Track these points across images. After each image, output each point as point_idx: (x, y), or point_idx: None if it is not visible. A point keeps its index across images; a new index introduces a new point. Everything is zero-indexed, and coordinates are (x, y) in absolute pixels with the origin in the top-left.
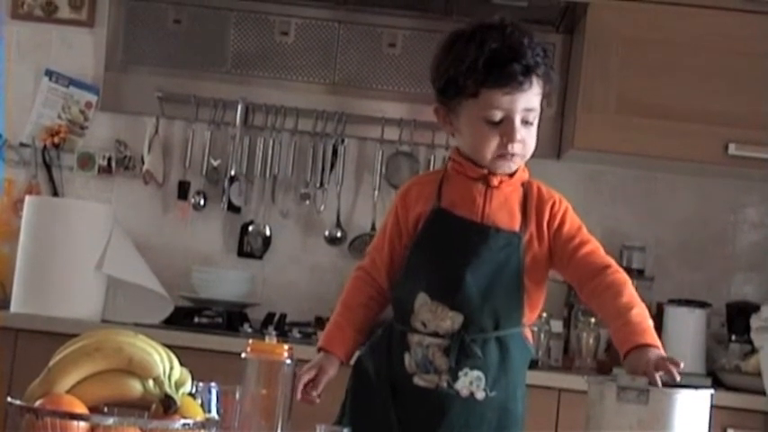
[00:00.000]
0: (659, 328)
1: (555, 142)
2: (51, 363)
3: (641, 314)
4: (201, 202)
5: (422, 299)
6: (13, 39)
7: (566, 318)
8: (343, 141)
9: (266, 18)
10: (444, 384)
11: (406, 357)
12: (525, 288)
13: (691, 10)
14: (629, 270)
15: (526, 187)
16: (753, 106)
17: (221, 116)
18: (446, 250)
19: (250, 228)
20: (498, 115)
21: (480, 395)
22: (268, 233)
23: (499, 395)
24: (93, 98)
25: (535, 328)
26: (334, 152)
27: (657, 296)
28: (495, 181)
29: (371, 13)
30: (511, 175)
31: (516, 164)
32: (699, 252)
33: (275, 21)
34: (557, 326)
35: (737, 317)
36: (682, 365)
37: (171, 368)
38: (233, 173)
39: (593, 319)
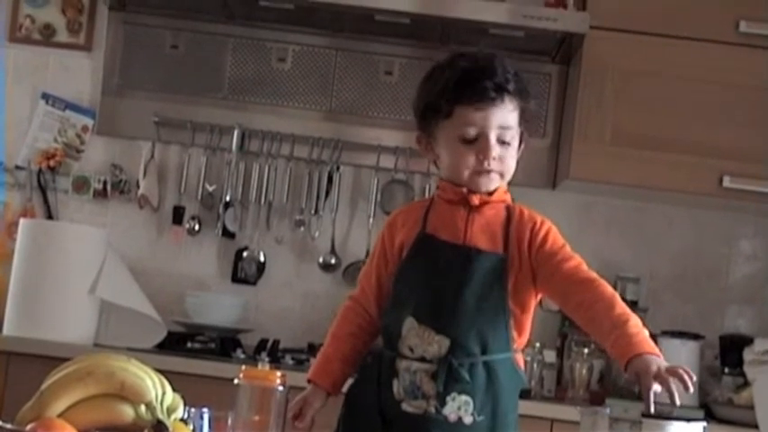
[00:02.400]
0: None
1: (550, 172)
2: (43, 386)
3: (637, 325)
4: (196, 227)
5: (409, 323)
6: (10, 62)
7: (559, 348)
8: (338, 168)
9: (263, 45)
10: (432, 410)
11: (395, 384)
12: (511, 312)
13: (686, 43)
14: (622, 301)
15: (510, 211)
16: (747, 139)
17: (217, 141)
18: (431, 274)
19: (244, 253)
20: (472, 132)
21: (468, 420)
22: (262, 259)
23: (487, 420)
24: (89, 122)
25: (528, 358)
26: (330, 179)
27: (651, 327)
28: (475, 200)
29: (368, 41)
30: (490, 194)
31: (494, 181)
32: (693, 284)
33: (272, 47)
34: (550, 356)
35: (731, 349)
36: (695, 378)
37: (163, 393)
38: (228, 198)
39: (586, 350)
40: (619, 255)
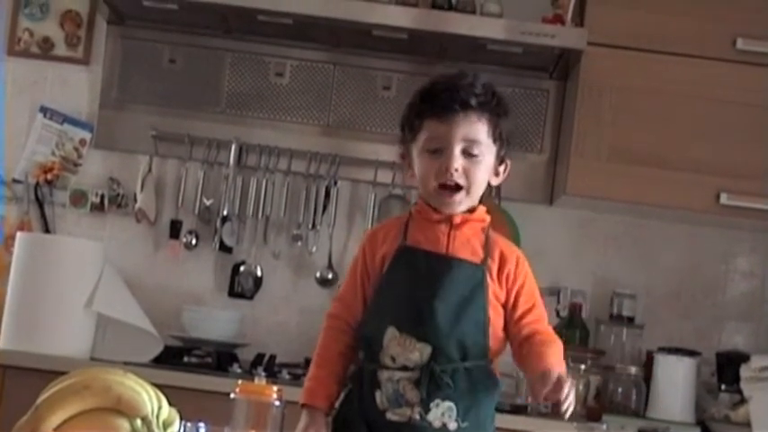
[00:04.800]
0: (649, 376)
1: (547, 188)
2: (39, 400)
3: (558, 355)
4: (193, 241)
5: (391, 333)
6: (8, 75)
7: None
8: (335, 183)
9: (261, 59)
10: (417, 417)
11: (378, 395)
12: (489, 320)
13: (683, 60)
14: (619, 317)
15: (488, 233)
16: (744, 156)
17: (215, 156)
18: (412, 282)
19: (241, 268)
20: (437, 143)
21: (453, 426)
22: (259, 273)
23: (471, 425)
24: (87, 135)
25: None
26: (327, 194)
27: (647, 344)
28: (457, 219)
29: (366, 55)
30: (471, 212)
31: (460, 203)
32: (689, 300)
33: (270, 62)
34: None
35: (727, 366)
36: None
37: (159, 407)
38: (225, 213)
39: (582, 366)
40: (615, 271)
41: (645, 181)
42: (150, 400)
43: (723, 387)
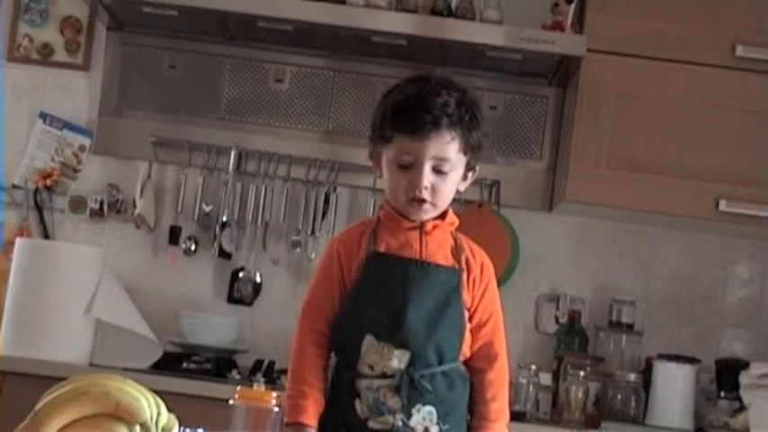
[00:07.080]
0: (648, 383)
1: (547, 195)
2: (38, 406)
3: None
4: (192, 247)
5: (368, 341)
6: (8, 81)
7: (555, 370)
8: (335, 189)
9: (261, 65)
10: (399, 423)
11: (357, 404)
12: (465, 323)
13: (683, 66)
14: (618, 324)
15: (455, 236)
16: (744, 163)
17: (214, 162)
18: (388, 290)
19: (240, 274)
20: (407, 160)
21: (435, 429)
22: (258, 280)
23: (451, 428)
24: (86, 141)
25: (524, 380)
26: (326, 200)
27: (646, 351)
28: (429, 226)
29: (366, 62)
30: (442, 218)
31: (427, 212)
32: (688, 307)
33: (270, 68)
34: (545, 378)
35: (726, 373)
36: None
37: (158, 414)
38: (225, 219)
39: (582, 373)
40: (615, 278)
41: (644, 188)
42: (149, 406)
43: (722, 394)
